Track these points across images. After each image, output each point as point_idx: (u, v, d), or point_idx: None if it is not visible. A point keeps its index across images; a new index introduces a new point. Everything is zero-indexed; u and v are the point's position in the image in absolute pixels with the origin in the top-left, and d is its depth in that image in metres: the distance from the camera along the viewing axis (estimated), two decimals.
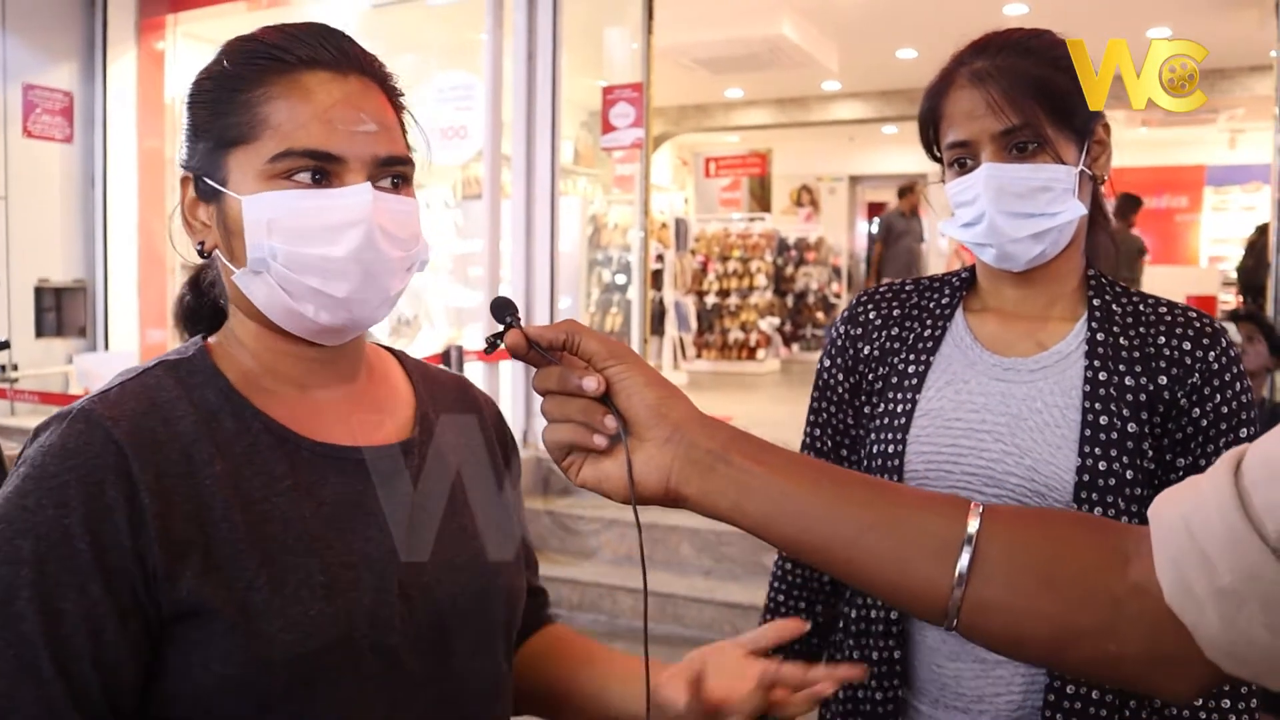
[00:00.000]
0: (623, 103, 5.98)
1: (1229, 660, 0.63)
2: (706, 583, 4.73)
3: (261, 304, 0.94)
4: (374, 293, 0.93)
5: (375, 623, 0.91)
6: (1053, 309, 1.31)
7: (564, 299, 6.36)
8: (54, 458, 0.84)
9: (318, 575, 0.89)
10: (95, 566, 0.82)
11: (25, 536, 0.82)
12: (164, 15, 7.48)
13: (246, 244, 0.91)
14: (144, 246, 7.56)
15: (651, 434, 0.75)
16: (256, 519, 0.89)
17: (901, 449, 1.28)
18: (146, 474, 0.85)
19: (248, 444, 0.92)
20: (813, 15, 8.66)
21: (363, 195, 0.91)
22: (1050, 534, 0.72)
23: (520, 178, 5.84)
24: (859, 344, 1.37)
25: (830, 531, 0.73)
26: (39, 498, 0.83)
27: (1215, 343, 1.24)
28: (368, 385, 1.04)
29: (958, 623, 0.71)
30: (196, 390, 0.93)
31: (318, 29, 0.96)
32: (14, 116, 6.98)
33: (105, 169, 7.44)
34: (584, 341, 0.75)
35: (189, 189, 0.97)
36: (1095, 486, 1.20)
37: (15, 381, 6.27)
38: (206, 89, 0.96)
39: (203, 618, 0.85)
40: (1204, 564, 0.62)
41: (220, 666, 0.85)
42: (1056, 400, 1.24)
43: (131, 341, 7.55)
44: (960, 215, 1.27)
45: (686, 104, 12.14)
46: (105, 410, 0.87)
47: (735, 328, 11.43)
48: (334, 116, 0.91)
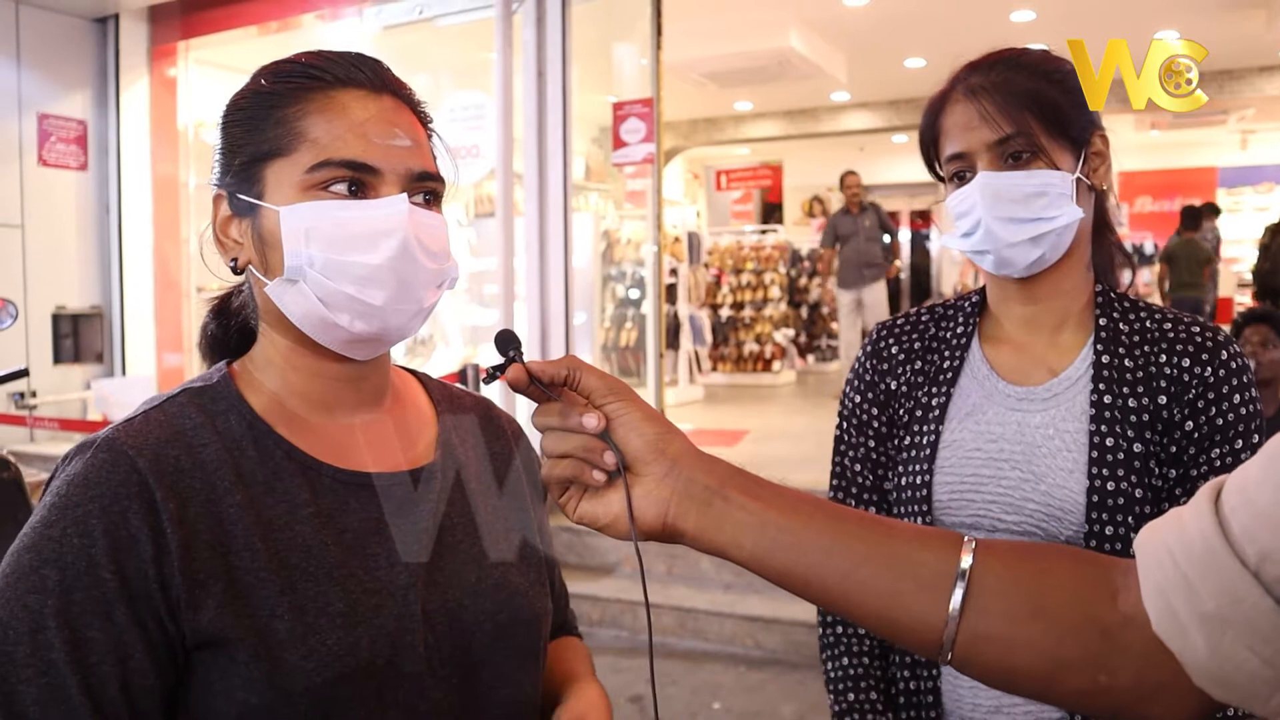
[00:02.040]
0: (633, 118, 5.99)
1: (1216, 686, 0.64)
2: (727, 597, 4.72)
3: (295, 315, 0.95)
4: (408, 303, 0.95)
5: (398, 649, 0.91)
6: (1062, 331, 1.32)
7: (579, 315, 6.36)
8: (78, 488, 0.85)
9: (339, 603, 0.90)
10: (121, 595, 0.83)
11: (51, 566, 0.83)
12: (175, 42, 7.54)
13: (284, 253, 0.92)
14: (159, 272, 7.61)
15: (650, 470, 0.77)
16: (279, 547, 0.89)
17: (929, 479, 1.30)
18: (170, 503, 0.86)
19: (270, 472, 0.93)
20: (820, 27, 8.68)
21: (399, 205, 0.92)
22: (1041, 568, 0.73)
23: (533, 195, 5.85)
24: (886, 379, 1.40)
25: (825, 565, 0.74)
26: (64, 527, 0.84)
27: (1215, 356, 1.24)
28: (392, 408, 1.05)
29: (952, 656, 0.72)
30: (220, 418, 0.94)
31: (352, 54, 0.99)
32: (29, 146, 7.05)
33: (120, 196, 7.50)
34: (584, 378, 0.77)
35: (221, 206, 0.98)
36: (1105, 507, 1.21)
37: (34, 408, 6.31)
38: (243, 107, 0.98)
39: (225, 646, 0.86)
40: (1188, 590, 0.64)
41: (243, 695, 0.85)
42: (1068, 426, 1.27)
43: (148, 366, 7.60)
44: (959, 226, 1.29)
45: (696, 118, 12.17)
46: (129, 440, 0.88)
47: (750, 340, 11.42)
48: (370, 130, 0.94)
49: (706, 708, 3.97)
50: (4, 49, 6.88)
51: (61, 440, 6.82)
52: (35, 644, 0.81)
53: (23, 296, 6.54)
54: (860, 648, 1.38)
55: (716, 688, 4.15)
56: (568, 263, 5.86)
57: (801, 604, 1.49)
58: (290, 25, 7.24)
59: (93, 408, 7.14)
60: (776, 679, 4.18)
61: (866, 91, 10.92)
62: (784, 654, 4.42)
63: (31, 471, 3.15)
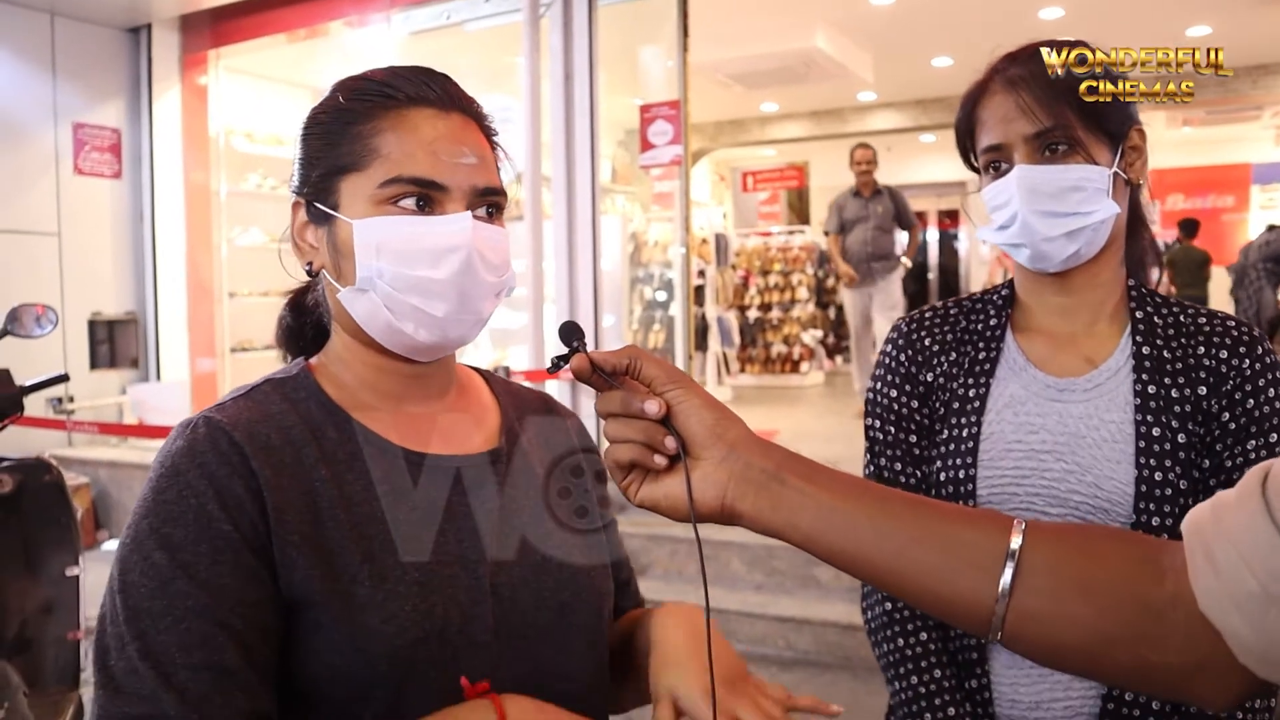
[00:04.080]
0: (660, 120, 6.00)
1: (1261, 664, 0.66)
2: (758, 597, 4.71)
3: (364, 321, 1.01)
4: (468, 314, 1.01)
5: (469, 619, 0.97)
6: (1097, 323, 1.32)
7: (608, 317, 6.37)
8: (184, 457, 0.92)
9: (414, 574, 0.95)
10: (242, 543, 0.90)
11: (172, 524, 0.89)
12: (206, 51, 7.62)
13: (356, 264, 0.99)
14: (192, 277, 7.69)
15: (709, 454, 0.79)
16: (358, 520, 0.96)
17: (973, 473, 1.29)
18: (265, 470, 0.93)
19: (350, 452, 1.00)
20: (846, 27, 8.65)
21: (464, 223, 0.98)
22: (1089, 548, 0.75)
23: (561, 198, 5.87)
24: (922, 371, 1.38)
25: (878, 545, 0.76)
26: (178, 490, 0.90)
27: (1251, 350, 1.25)
28: (458, 399, 1.12)
29: (1001, 634, 0.74)
30: (301, 404, 1.02)
31: (423, 71, 1.04)
32: (65, 155, 7.15)
33: (153, 203, 7.59)
34: (645, 366, 0.80)
35: (300, 213, 1.05)
36: (1152, 497, 1.21)
37: (72, 413, 6.39)
38: (321, 121, 1.04)
39: (312, 608, 0.92)
40: (1234, 570, 0.65)
41: (329, 656, 0.91)
42: (1112, 416, 1.26)
43: (182, 371, 7.68)
44: (995, 219, 1.29)
45: (723, 119, 12.16)
46: (224, 417, 0.96)
47: (778, 341, 11.40)
48: (438, 149, 0.99)
49: None
50: (40, 60, 6.99)
51: (99, 444, 6.91)
52: (169, 595, 0.87)
53: (60, 303, 6.63)
54: (917, 624, 1.33)
55: None
56: (596, 265, 5.87)
57: (832, 605, 1.47)
58: (319, 33, 7.30)
59: (129, 412, 7.23)
60: (808, 680, 4.18)
61: (893, 91, 10.87)
62: (815, 655, 4.41)
63: (70, 475, 3.20)
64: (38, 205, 6.98)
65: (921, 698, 1.30)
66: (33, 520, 2.80)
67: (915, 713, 1.31)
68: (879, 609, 1.36)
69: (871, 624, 1.38)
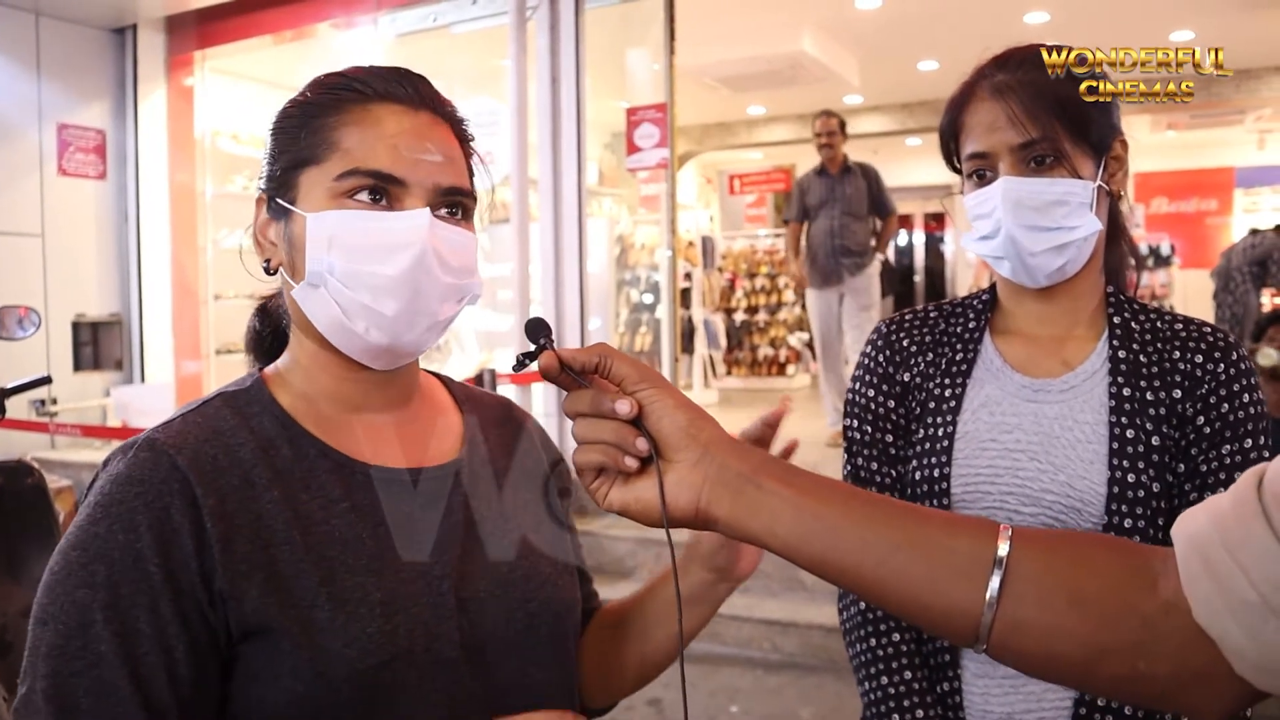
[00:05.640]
0: (647, 123, 6.01)
1: (1258, 674, 0.64)
2: (744, 600, 4.71)
3: (317, 320, 0.97)
4: (422, 315, 0.96)
5: (435, 637, 0.94)
6: (1075, 328, 1.32)
7: (594, 320, 6.37)
8: (121, 485, 0.88)
9: (376, 593, 0.92)
10: (166, 587, 0.86)
11: (99, 561, 0.85)
12: (192, 52, 7.59)
13: (307, 258, 0.95)
14: (177, 279, 7.66)
15: (682, 456, 0.76)
16: (316, 541, 0.92)
17: (948, 471, 1.29)
18: (209, 499, 0.89)
19: (305, 469, 0.96)
20: (832, 30, 8.67)
21: (420, 219, 0.94)
22: (1078, 555, 0.72)
23: (547, 201, 5.87)
24: (899, 371, 1.38)
25: (860, 552, 0.73)
26: (109, 524, 0.86)
27: (1226, 355, 1.26)
28: (419, 409, 1.08)
29: (988, 644, 0.71)
30: (254, 419, 0.97)
31: (397, 70, 1.01)
32: (49, 156, 7.11)
33: (138, 205, 7.56)
34: (615, 365, 0.77)
35: (262, 209, 1.02)
36: (1125, 499, 1.21)
37: (55, 415, 6.35)
38: (290, 116, 1.01)
39: (268, 636, 0.88)
40: (1230, 578, 0.63)
41: (289, 682, 0.88)
42: (1087, 417, 1.26)
43: (167, 373, 7.65)
44: (978, 228, 1.29)
45: (709, 122, 12.17)
46: (168, 439, 0.91)
47: (765, 344, 11.41)
48: (400, 144, 0.96)
49: (724, 711, 3.97)
50: (24, 60, 6.95)
51: (82, 446, 6.87)
52: (86, 637, 0.83)
53: (43, 304, 6.59)
54: (889, 624, 1.33)
55: (734, 691, 4.15)
56: (582, 268, 5.87)
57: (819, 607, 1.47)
58: (305, 34, 7.28)
59: (113, 414, 7.19)
60: (794, 682, 4.18)
61: (879, 95, 10.89)
62: (802, 657, 4.41)
63: (53, 477, 3.18)
64: (21, 206, 6.94)
65: (891, 699, 1.30)
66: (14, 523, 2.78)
67: (883, 713, 1.30)
68: (854, 609, 1.36)
69: (846, 624, 1.38)
